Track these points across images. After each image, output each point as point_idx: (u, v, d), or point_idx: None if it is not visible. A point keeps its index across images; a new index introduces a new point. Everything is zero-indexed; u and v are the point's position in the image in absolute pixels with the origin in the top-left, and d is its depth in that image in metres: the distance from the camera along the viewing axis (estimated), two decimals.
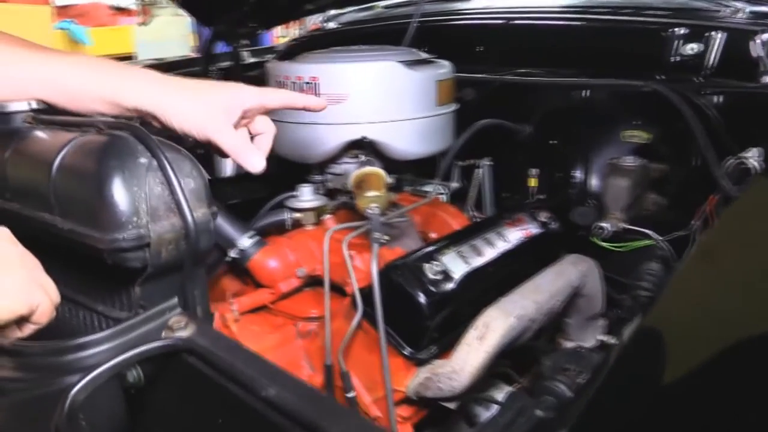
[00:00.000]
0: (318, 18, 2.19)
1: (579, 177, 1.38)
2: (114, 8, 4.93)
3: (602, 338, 1.22)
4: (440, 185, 1.42)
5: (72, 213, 0.58)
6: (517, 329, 0.96)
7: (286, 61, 1.15)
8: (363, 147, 1.09)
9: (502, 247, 1.11)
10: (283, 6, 1.89)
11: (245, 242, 1.06)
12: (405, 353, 0.93)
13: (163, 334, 0.53)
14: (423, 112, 1.11)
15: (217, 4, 1.73)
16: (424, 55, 1.20)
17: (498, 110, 1.40)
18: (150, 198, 0.55)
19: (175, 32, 4.43)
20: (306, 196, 1.14)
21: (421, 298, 0.93)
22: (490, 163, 1.43)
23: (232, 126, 0.73)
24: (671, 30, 1.26)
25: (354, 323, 0.90)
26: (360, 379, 0.97)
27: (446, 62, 1.21)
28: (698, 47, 1.22)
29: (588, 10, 1.48)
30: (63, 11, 4.59)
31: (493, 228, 1.15)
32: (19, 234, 0.57)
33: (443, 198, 1.44)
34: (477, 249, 1.06)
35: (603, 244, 1.16)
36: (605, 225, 1.16)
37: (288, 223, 1.15)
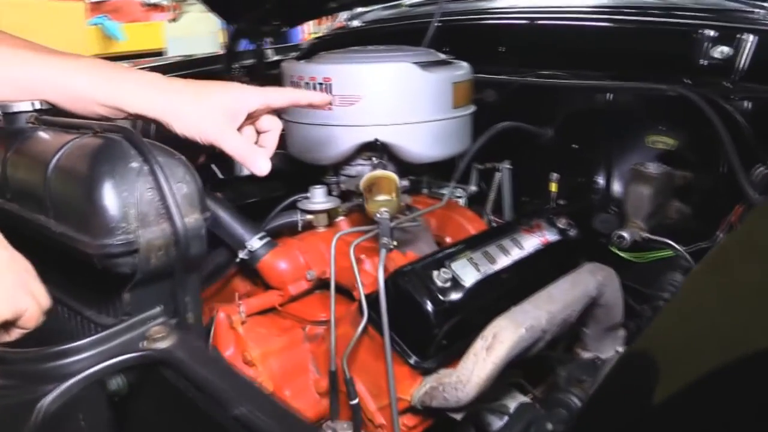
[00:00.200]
0: (344, 16, 2.17)
1: (601, 183, 1.34)
2: (147, 4, 4.99)
3: (621, 349, 1.18)
4: (458, 188, 1.40)
5: (64, 216, 0.57)
6: (528, 340, 0.93)
7: (300, 61, 1.13)
8: (376, 149, 1.08)
9: (517, 255, 1.08)
10: (306, 4, 1.88)
11: (255, 243, 1.06)
12: (411, 362, 0.91)
13: (143, 344, 0.52)
14: (438, 115, 1.08)
15: (240, 2, 1.73)
16: (442, 56, 1.17)
17: (519, 112, 1.37)
18: (140, 203, 0.55)
19: (205, 29, 4.46)
20: (318, 198, 1.13)
21: (429, 306, 0.90)
22: (510, 167, 1.40)
23: (236, 129, 0.72)
24: (700, 32, 1.21)
25: (359, 329, 0.89)
26: (366, 386, 0.96)
27: (464, 63, 1.18)
28: (728, 50, 1.17)
29: (615, 11, 1.44)
30: (96, 7, 4.67)
31: (509, 234, 1.12)
32: (18, 235, 0.56)
33: (461, 201, 1.42)
34: (490, 256, 1.04)
35: (621, 254, 1.12)
36: (625, 234, 1.12)
37: (299, 225, 1.14)
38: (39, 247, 0.60)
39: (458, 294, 0.94)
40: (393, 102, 1.05)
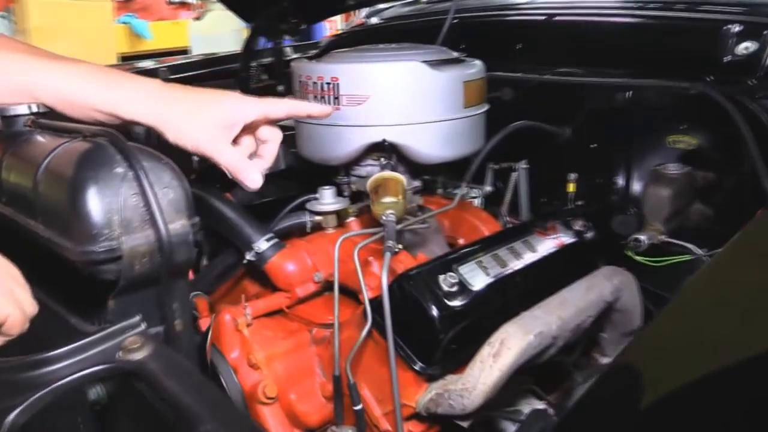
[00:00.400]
0: (363, 13, 2.16)
1: (621, 183, 1.30)
2: (173, 2, 5.04)
3: None
4: (473, 189, 1.37)
5: (51, 221, 0.57)
6: (537, 347, 0.90)
7: (309, 61, 1.12)
8: (384, 150, 1.06)
9: (529, 258, 1.05)
10: (324, 1, 1.87)
11: (262, 245, 1.05)
12: (415, 368, 0.89)
13: (119, 355, 0.51)
14: (448, 115, 1.06)
15: (257, 0, 1.72)
16: (454, 54, 1.15)
17: (537, 111, 1.33)
18: (124, 209, 0.54)
19: (229, 27, 4.47)
20: (326, 199, 1.11)
21: (434, 311, 0.88)
22: (527, 167, 1.37)
23: (230, 142, 0.72)
24: (725, 27, 1.17)
25: (363, 334, 0.87)
26: (371, 391, 0.94)
27: (477, 62, 1.15)
28: (753, 46, 1.12)
29: (635, 6, 1.39)
30: (124, 6, 4.72)
31: (521, 237, 1.09)
32: (12, 239, 0.56)
33: (476, 202, 1.39)
34: (500, 259, 1.01)
35: (637, 258, 1.08)
36: (642, 237, 1.08)
37: (308, 226, 1.12)
38: (31, 252, 0.60)
39: (465, 299, 0.92)
40: (401, 102, 1.03)
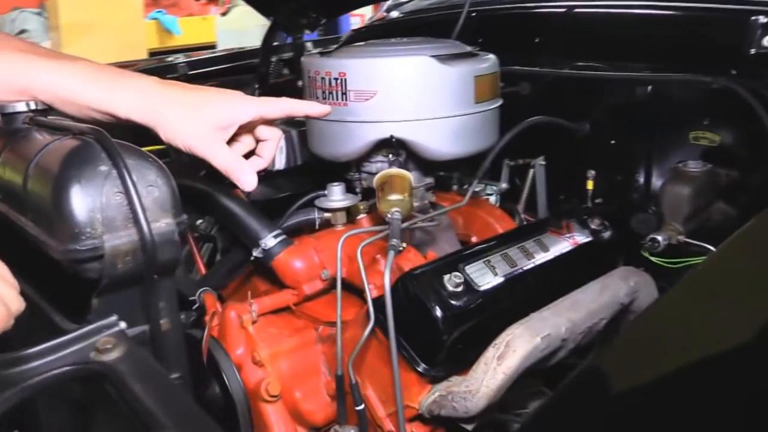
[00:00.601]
0: (384, 7, 2.13)
1: (641, 181, 1.26)
2: None
3: None
4: (488, 186, 1.35)
5: (39, 219, 0.57)
6: (544, 350, 0.88)
7: (318, 56, 1.11)
8: (393, 146, 1.04)
9: (541, 258, 1.03)
10: None
11: (270, 241, 1.04)
12: (419, 369, 0.87)
13: (92, 355, 0.51)
14: (458, 110, 1.04)
15: None
16: (467, 48, 1.12)
17: (555, 106, 1.30)
18: (106, 208, 0.53)
19: (254, 22, 4.49)
20: (335, 196, 1.10)
21: (438, 312, 0.87)
22: (544, 163, 1.34)
23: (224, 143, 0.72)
24: (752, 18, 1.12)
25: (365, 333, 0.85)
26: (375, 392, 0.93)
27: (490, 56, 1.13)
28: None
29: None
30: (154, 2, 4.78)
31: (534, 235, 1.06)
32: (6, 235, 0.56)
33: (492, 199, 1.36)
34: (510, 259, 0.99)
35: (653, 259, 1.05)
36: (659, 237, 1.05)
37: (317, 223, 1.11)
38: (23, 248, 0.60)
39: (471, 299, 0.90)
40: (409, 97, 1.01)
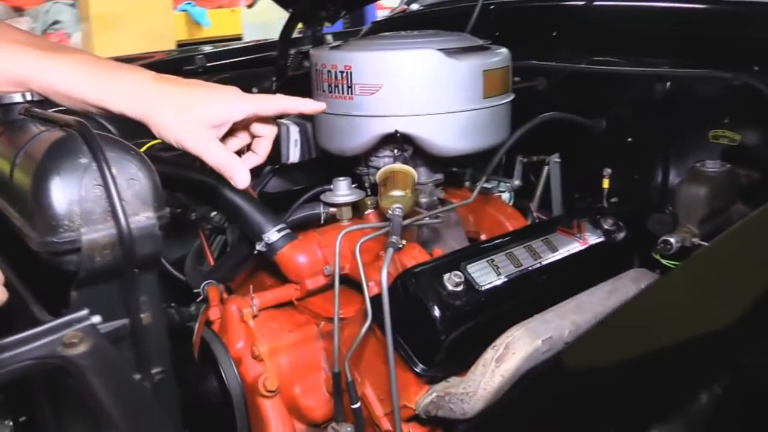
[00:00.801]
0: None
1: (658, 180, 1.22)
2: None
3: None
4: (500, 182, 1.32)
5: (22, 210, 0.57)
6: (546, 352, 0.86)
7: (325, 50, 1.09)
8: (398, 141, 1.02)
9: (548, 258, 1.00)
10: None
11: (273, 235, 1.03)
12: (416, 369, 0.86)
13: (59, 349, 0.50)
14: (466, 105, 1.01)
15: None
16: (478, 42, 1.10)
17: (571, 101, 1.27)
18: (85, 200, 0.53)
19: (279, 14, 4.50)
20: (341, 190, 1.09)
21: (436, 312, 0.85)
22: (559, 160, 1.31)
23: (217, 140, 0.72)
24: None
25: (362, 331, 0.84)
26: (374, 390, 0.92)
27: (502, 50, 1.10)
28: None
29: None
30: None
31: (542, 235, 1.04)
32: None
33: (504, 196, 1.34)
34: (515, 258, 0.97)
35: (665, 262, 1.01)
36: (672, 239, 1.01)
37: (322, 218, 1.11)
38: (12, 239, 0.60)
39: (471, 299, 0.88)
40: (415, 91, 0.99)
